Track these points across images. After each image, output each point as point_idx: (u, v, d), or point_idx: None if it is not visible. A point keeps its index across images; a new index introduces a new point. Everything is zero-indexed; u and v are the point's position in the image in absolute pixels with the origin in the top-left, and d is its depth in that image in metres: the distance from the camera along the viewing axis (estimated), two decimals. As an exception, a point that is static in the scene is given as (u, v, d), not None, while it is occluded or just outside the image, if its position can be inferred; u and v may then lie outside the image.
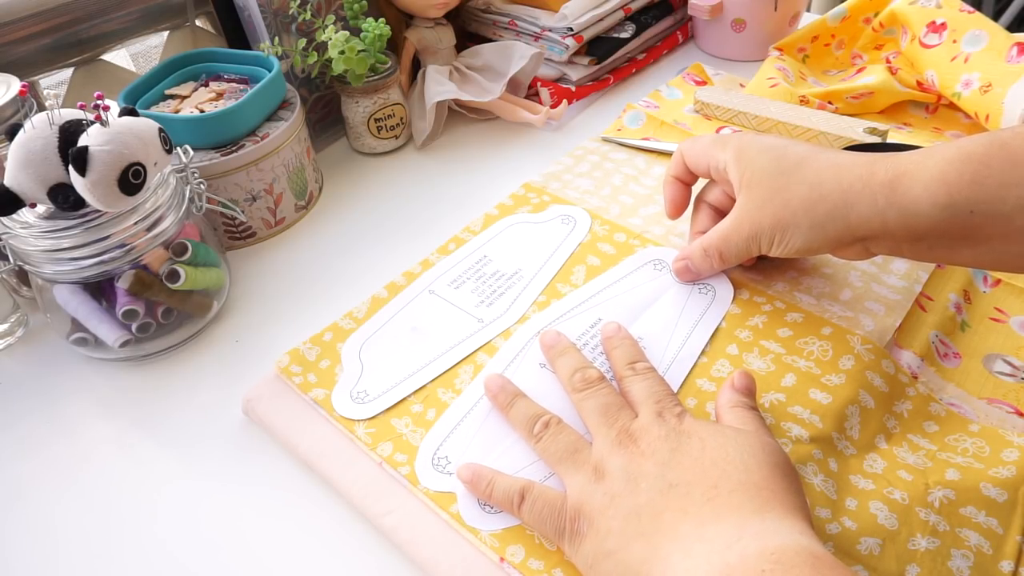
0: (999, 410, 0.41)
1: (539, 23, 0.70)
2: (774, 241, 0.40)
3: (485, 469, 0.37)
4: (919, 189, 0.35)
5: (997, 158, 0.34)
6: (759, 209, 0.40)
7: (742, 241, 0.41)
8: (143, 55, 0.92)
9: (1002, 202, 0.33)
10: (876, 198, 0.36)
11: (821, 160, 0.39)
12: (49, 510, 0.41)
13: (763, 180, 0.40)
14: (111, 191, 0.40)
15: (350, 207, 0.61)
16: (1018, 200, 0.33)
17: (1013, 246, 0.35)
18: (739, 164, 0.41)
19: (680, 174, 0.47)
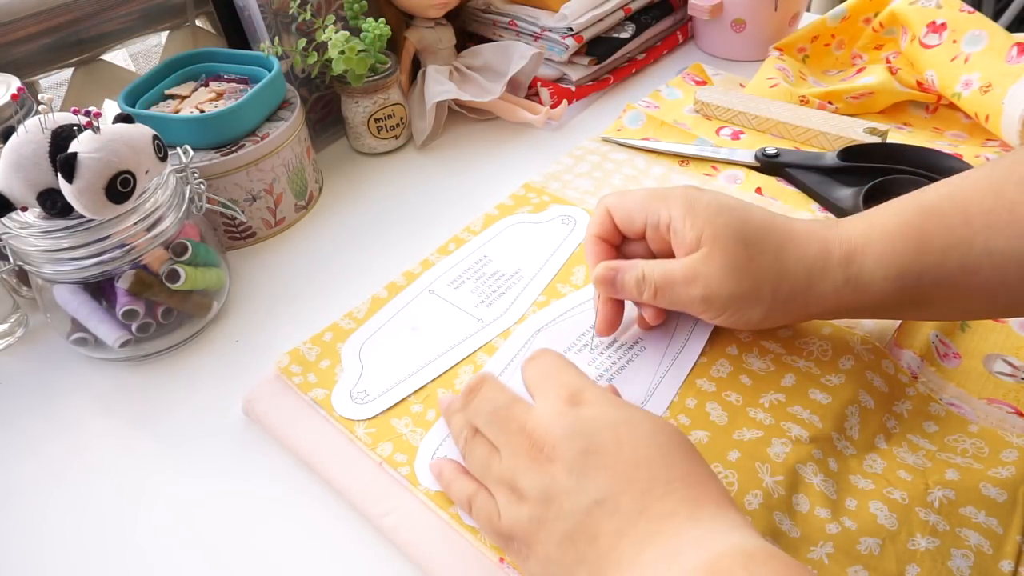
0: (999, 410, 0.41)
1: (539, 23, 0.70)
2: (727, 311, 0.38)
3: (449, 466, 0.36)
4: (871, 264, 0.36)
5: (934, 225, 0.35)
6: (721, 275, 0.37)
7: (686, 296, 0.38)
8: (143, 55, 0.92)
9: (945, 267, 0.35)
10: (836, 276, 0.36)
11: (782, 232, 0.37)
12: (49, 509, 0.41)
13: (728, 245, 0.37)
14: (98, 199, 0.40)
15: (350, 207, 0.61)
16: (960, 261, 0.34)
17: (959, 304, 0.36)
18: (694, 220, 0.37)
19: (606, 233, 0.42)
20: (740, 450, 0.37)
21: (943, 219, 0.35)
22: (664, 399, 0.40)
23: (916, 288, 0.35)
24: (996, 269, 0.34)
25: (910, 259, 0.35)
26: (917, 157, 0.52)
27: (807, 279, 0.37)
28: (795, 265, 0.37)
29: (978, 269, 0.34)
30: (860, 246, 0.36)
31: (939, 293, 0.36)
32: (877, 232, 0.36)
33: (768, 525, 0.34)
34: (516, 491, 0.31)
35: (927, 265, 0.35)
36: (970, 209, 0.34)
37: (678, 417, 0.39)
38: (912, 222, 0.35)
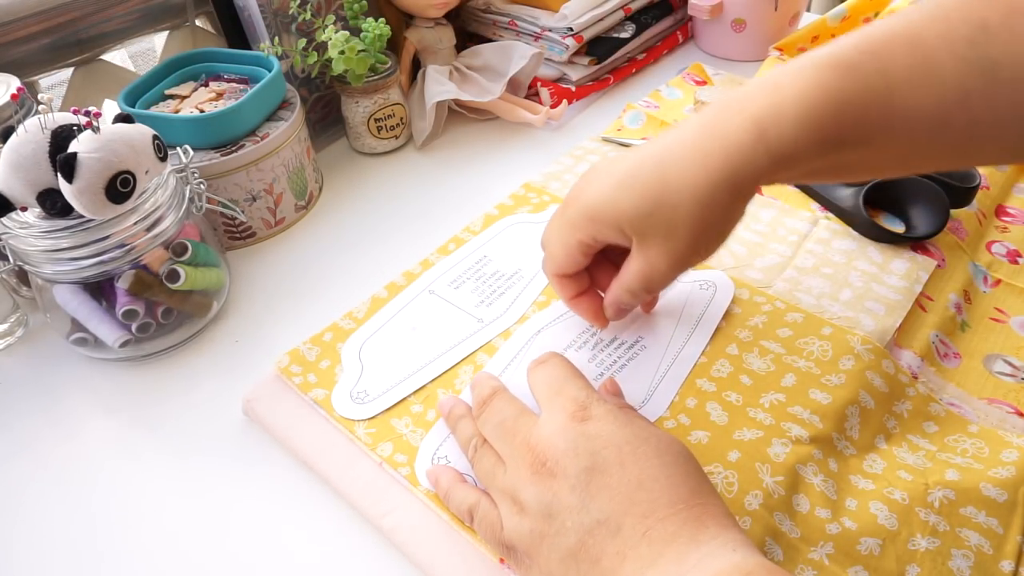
0: (999, 410, 0.41)
1: (539, 23, 0.70)
2: (699, 254, 0.37)
3: (447, 474, 0.36)
4: (791, 131, 0.33)
5: (851, 84, 0.33)
6: (665, 243, 0.36)
7: (666, 274, 0.37)
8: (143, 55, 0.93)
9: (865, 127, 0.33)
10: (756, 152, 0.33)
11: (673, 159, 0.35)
12: (49, 509, 0.41)
13: (646, 221, 0.36)
14: (98, 199, 0.40)
15: (350, 207, 0.61)
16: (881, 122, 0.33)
17: (871, 163, 0.35)
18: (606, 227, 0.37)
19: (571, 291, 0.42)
20: (740, 450, 0.37)
21: (864, 79, 0.33)
22: (664, 399, 0.40)
23: (838, 150, 0.34)
24: (909, 129, 0.33)
25: (830, 121, 0.33)
26: None
27: (732, 183, 0.34)
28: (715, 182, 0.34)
29: (892, 128, 0.33)
30: (772, 118, 0.33)
31: (858, 156, 0.34)
32: (790, 98, 0.33)
33: (768, 525, 0.34)
34: (518, 503, 0.31)
35: (848, 127, 0.33)
36: (890, 67, 0.32)
37: (678, 417, 0.39)
38: (829, 81, 0.33)
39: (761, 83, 0.34)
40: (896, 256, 0.48)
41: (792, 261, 0.49)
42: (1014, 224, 0.52)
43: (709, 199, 0.34)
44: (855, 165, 0.35)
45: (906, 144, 0.34)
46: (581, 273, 0.42)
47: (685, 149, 0.35)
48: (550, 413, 0.33)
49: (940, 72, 0.32)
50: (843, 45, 0.34)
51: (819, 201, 0.53)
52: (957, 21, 0.31)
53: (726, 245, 0.46)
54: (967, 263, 0.49)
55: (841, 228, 0.51)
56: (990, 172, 0.54)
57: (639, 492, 0.29)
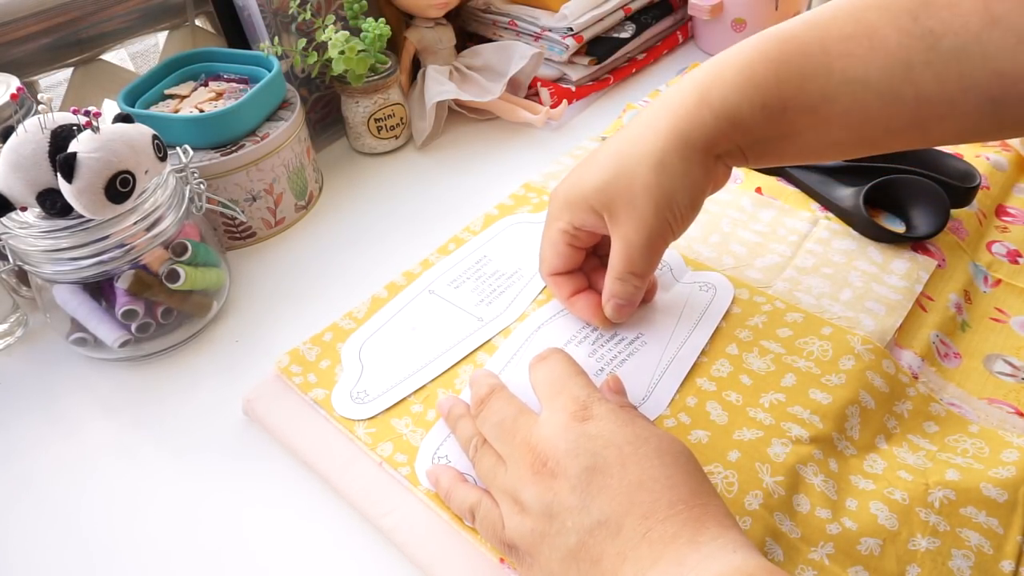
0: (999, 410, 0.41)
1: (539, 23, 0.70)
2: (672, 223, 0.38)
3: (447, 474, 0.36)
4: (734, 96, 0.35)
5: (792, 53, 0.34)
6: (632, 214, 0.37)
7: (644, 248, 0.38)
8: (143, 55, 0.93)
9: (806, 94, 0.34)
10: (702, 115, 0.36)
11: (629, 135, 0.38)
12: (49, 510, 0.41)
13: (608, 193, 0.38)
14: (98, 198, 0.40)
15: (350, 207, 0.61)
16: (820, 90, 0.34)
17: (825, 135, 0.36)
18: (580, 209, 0.39)
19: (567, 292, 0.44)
20: (740, 450, 0.37)
21: (802, 47, 0.34)
22: (665, 396, 0.40)
23: (783, 116, 0.35)
24: (855, 99, 0.34)
25: (772, 86, 0.35)
26: (917, 157, 0.52)
27: (682, 143, 0.36)
28: (661, 144, 0.36)
29: (838, 97, 0.34)
30: (715, 83, 0.35)
31: (805, 122, 0.35)
32: (734, 66, 0.35)
33: (768, 525, 0.34)
34: (519, 503, 0.31)
35: (789, 93, 0.34)
36: (829, 36, 0.34)
37: (678, 416, 0.39)
38: (771, 51, 0.35)
39: (710, 60, 0.37)
40: (896, 256, 0.48)
41: (792, 261, 0.48)
42: (1014, 224, 0.52)
43: (660, 161, 0.36)
44: (812, 139, 0.36)
45: (857, 114, 0.34)
46: (576, 273, 0.43)
47: (638, 125, 0.37)
48: (551, 412, 0.33)
49: (883, 44, 0.33)
50: (790, 21, 0.35)
51: (819, 201, 0.53)
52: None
53: (726, 245, 0.46)
54: (967, 263, 0.49)
55: (841, 228, 0.51)
56: (990, 172, 0.54)
57: (640, 493, 0.29)
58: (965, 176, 0.50)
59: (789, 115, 0.35)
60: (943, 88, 0.32)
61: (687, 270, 0.48)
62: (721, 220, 0.52)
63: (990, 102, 0.32)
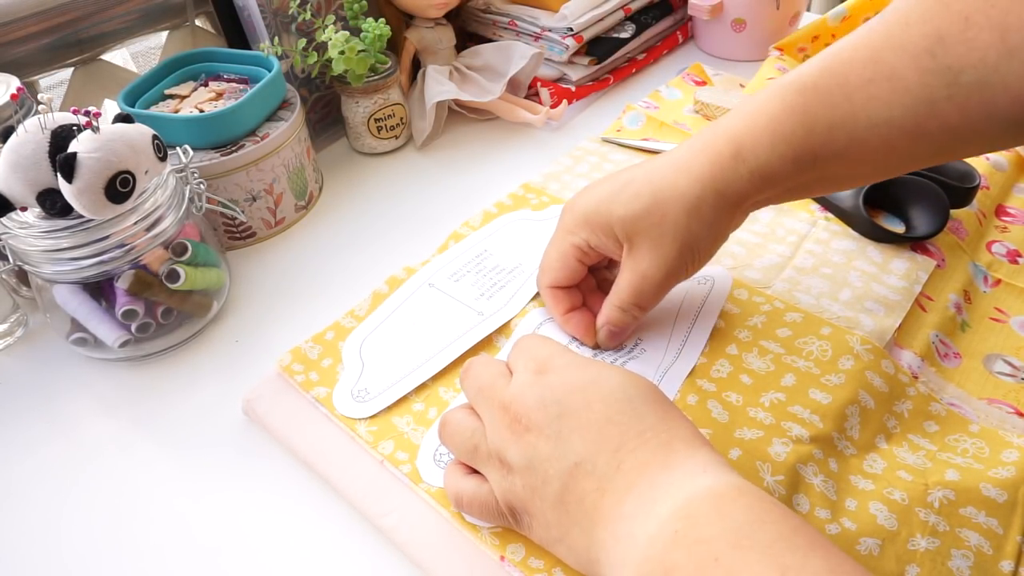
0: (999, 410, 0.41)
1: (539, 23, 0.70)
2: (688, 264, 0.39)
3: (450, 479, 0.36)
4: (766, 153, 0.36)
5: (817, 104, 0.36)
6: (655, 251, 0.39)
7: (657, 286, 0.40)
8: (143, 55, 0.92)
9: (836, 143, 0.36)
10: (738, 171, 0.37)
11: (665, 172, 0.39)
12: (49, 510, 0.41)
13: (637, 226, 0.39)
14: (98, 199, 0.40)
15: (350, 207, 0.61)
16: (848, 136, 0.35)
17: (857, 172, 0.38)
18: (599, 231, 0.40)
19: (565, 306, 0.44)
20: (741, 449, 0.37)
21: (825, 96, 0.35)
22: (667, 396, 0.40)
23: (814, 165, 0.36)
24: (882, 138, 0.35)
25: (800, 140, 0.36)
26: None
27: (715, 190, 0.37)
28: (695, 188, 0.37)
29: (866, 140, 0.35)
30: (748, 139, 0.37)
31: (836, 168, 0.37)
32: (763, 120, 0.37)
33: (768, 525, 0.34)
34: (505, 464, 0.32)
35: (817, 144, 0.36)
36: (850, 82, 0.35)
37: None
38: (796, 104, 0.36)
39: (741, 107, 0.38)
40: (896, 256, 0.48)
41: (791, 261, 0.49)
42: (1014, 224, 0.52)
43: (695, 208, 0.37)
44: (841, 176, 0.38)
45: (884, 151, 0.36)
46: (574, 289, 0.44)
47: (675, 164, 0.38)
48: (517, 373, 0.34)
49: (904, 84, 0.34)
50: (807, 68, 0.37)
51: (818, 201, 0.53)
52: (916, 35, 0.33)
53: (725, 246, 0.46)
54: (967, 263, 0.49)
55: (840, 228, 0.51)
56: (990, 172, 0.54)
57: (607, 427, 0.30)
58: (965, 176, 0.50)
59: (819, 163, 0.36)
60: (966, 119, 0.33)
61: (687, 270, 0.48)
62: (721, 220, 0.52)
63: (1014, 125, 0.33)
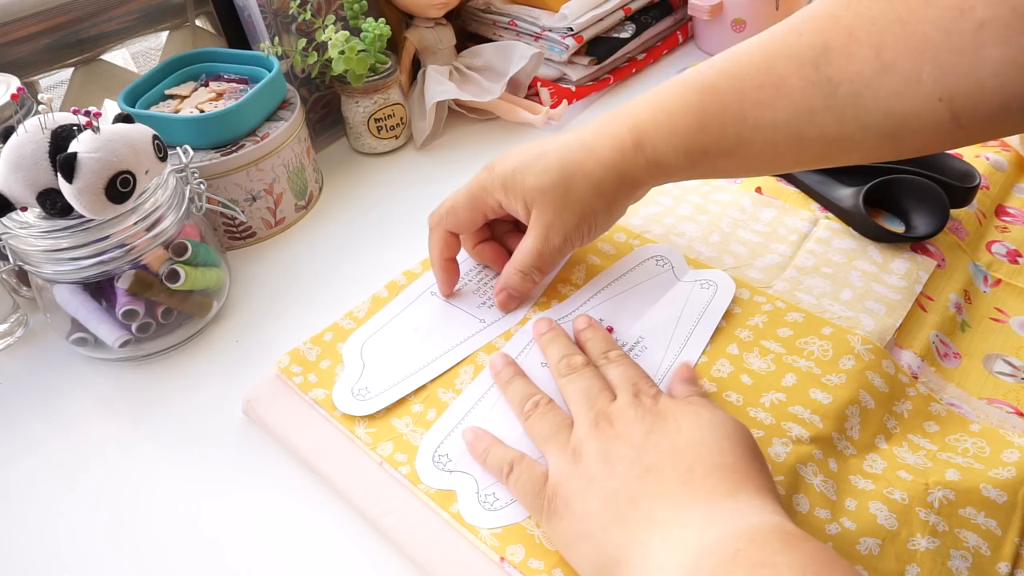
0: (999, 410, 0.41)
1: (539, 23, 0.70)
2: (584, 234, 0.43)
3: (486, 435, 0.38)
4: (663, 146, 0.40)
5: (711, 103, 0.38)
6: (558, 217, 0.42)
7: (556, 250, 0.43)
8: (143, 55, 0.93)
9: (725, 141, 0.39)
10: (639, 163, 0.41)
11: (574, 150, 0.42)
12: (49, 510, 0.41)
13: (545, 196, 0.42)
14: (98, 199, 0.40)
15: (350, 207, 0.61)
16: (736, 135, 0.38)
17: (742, 167, 0.41)
18: (514, 190, 0.43)
19: (451, 252, 0.47)
20: (740, 450, 0.37)
21: (720, 96, 0.38)
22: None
23: (705, 159, 0.40)
24: (766, 141, 0.38)
25: (693, 137, 0.39)
26: (917, 157, 0.52)
27: (616, 174, 0.41)
28: (602, 169, 0.41)
29: (752, 142, 0.38)
30: (649, 131, 0.40)
31: (725, 163, 0.40)
32: (662, 115, 0.40)
33: (768, 525, 0.34)
34: (577, 453, 0.34)
35: (709, 141, 0.39)
36: (743, 85, 0.37)
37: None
38: (693, 102, 0.39)
39: (647, 97, 0.41)
40: (896, 256, 0.48)
41: (792, 261, 0.49)
42: (1014, 224, 0.52)
43: (598, 187, 0.41)
44: (732, 170, 0.42)
45: (769, 153, 0.39)
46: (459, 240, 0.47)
47: (583, 145, 0.42)
48: (624, 394, 0.36)
49: (789, 92, 0.36)
50: (709, 68, 0.39)
51: (819, 201, 0.53)
52: (805, 45, 0.36)
53: (726, 245, 0.47)
54: (967, 263, 0.49)
55: (841, 228, 0.51)
56: (990, 172, 0.54)
57: (687, 451, 0.32)
58: (965, 176, 0.50)
59: (710, 158, 0.40)
60: (843, 129, 0.36)
61: (688, 269, 0.48)
62: (721, 220, 0.52)
63: (888, 137, 0.35)
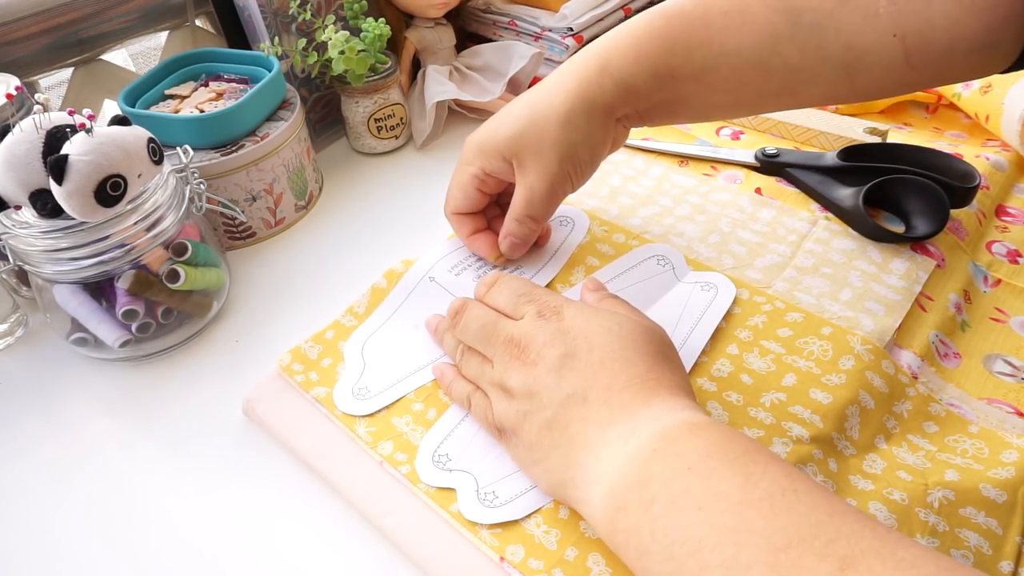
0: (999, 410, 0.41)
1: (539, 23, 0.70)
2: (570, 174, 0.44)
3: (449, 371, 0.41)
4: (630, 66, 0.41)
5: (678, 27, 0.40)
6: (538, 162, 0.43)
7: (545, 195, 0.44)
8: (143, 55, 0.93)
9: (691, 64, 0.40)
10: (603, 83, 0.41)
11: (540, 94, 0.43)
12: (49, 510, 0.41)
13: (520, 143, 0.43)
14: (87, 201, 0.40)
15: (350, 207, 0.61)
16: (703, 60, 0.40)
17: (710, 99, 0.42)
18: (491, 156, 0.44)
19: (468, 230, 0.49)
20: (740, 450, 0.37)
21: (687, 21, 0.40)
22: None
23: (672, 83, 0.41)
24: (731, 67, 0.39)
25: (661, 58, 0.40)
26: (917, 157, 0.52)
27: (585, 104, 0.41)
28: (571, 103, 0.41)
29: (717, 67, 0.39)
30: (615, 55, 0.41)
31: (690, 88, 0.41)
32: (629, 39, 0.41)
33: (768, 525, 0.34)
34: (506, 390, 0.36)
35: (676, 64, 0.40)
36: (710, 11, 0.39)
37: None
38: (661, 26, 0.40)
39: (613, 30, 0.43)
40: (896, 256, 0.48)
41: (792, 261, 0.49)
42: (1014, 224, 0.52)
43: (568, 119, 0.42)
44: (695, 97, 0.42)
45: (734, 81, 0.40)
46: (478, 216, 0.49)
47: (549, 86, 0.43)
48: (529, 315, 0.38)
49: (754, 19, 0.38)
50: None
51: (819, 201, 0.53)
52: None
53: (726, 245, 0.47)
54: (967, 263, 0.49)
55: (841, 228, 0.51)
56: (990, 172, 0.54)
57: (601, 370, 0.34)
58: (965, 176, 0.50)
59: (677, 83, 0.41)
60: (804, 59, 0.38)
61: (689, 270, 0.48)
62: (721, 220, 0.52)
63: (845, 69, 0.37)
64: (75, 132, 0.41)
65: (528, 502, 0.36)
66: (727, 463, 0.29)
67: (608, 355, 0.34)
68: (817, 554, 0.25)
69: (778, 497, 0.27)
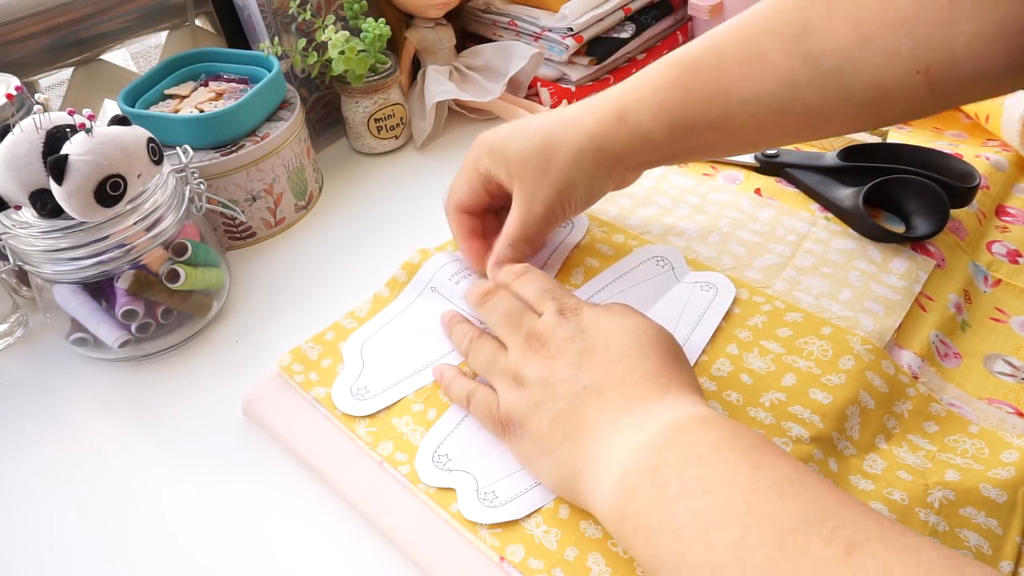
0: (999, 411, 0.41)
1: (539, 23, 0.70)
2: (564, 207, 0.44)
3: (448, 371, 0.42)
4: (648, 119, 0.41)
5: (695, 79, 0.40)
6: (539, 186, 0.43)
7: (540, 221, 0.44)
8: (143, 55, 0.93)
9: (711, 114, 0.40)
10: (620, 132, 0.42)
11: (559, 122, 0.43)
12: (49, 510, 0.41)
13: (528, 162, 0.43)
14: (87, 201, 0.40)
15: (350, 207, 0.61)
16: (721, 109, 0.40)
17: (730, 143, 0.43)
18: (498, 161, 0.44)
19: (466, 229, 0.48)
20: (740, 450, 0.37)
21: (704, 72, 0.40)
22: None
23: (692, 133, 0.41)
24: (751, 115, 0.39)
25: (679, 110, 0.40)
26: (917, 157, 0.52)
27: (596, 146, 0.42)
28: (584, 140, 0.42)
29: (737, 115, 0.40)
30: (634, 105, 0.41)
31: (711, 137, 0.41)
32: (647, 90, 0.41)
33: (768, 525, 0.34)
34: (518, 379, 0.37)
35: (695, 114, 0.40)
36: (726, 61, 0.39)
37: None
38: (678, 78, 0.40)
39: (634, 77, 0.43)
40: (896, 256, 0.48)
41: (791, 261, 0.49)
42: (1014, 224, 0.52)
43: (576, 159, 0.42)
44: (718, 145, 0.43)
45: (754, 126, 0.40)
46: (477, 217, 0.48)
47: (569, 117, 0.43)
48: (550, 312, 0.38)
49: (773, 67, 0.38)
50: (692, 46, 0.41)
51: (819, 201, 0.53)
52: (787, 22, 0.38)
53: (725, 246, 0.47)
54: (967, 263, 0.49)
55: (840, 228, 0.51)
56: (990, 172, 0.54)
57: (618, 365, 0.35)
58: (965, 176, 0.50)
59: (697, 132, 0.41)
60: (826, 100, 0.37)
61: (688, 270, 0.48)
62: (720, 220, 0.52)
63: (869, 107, 0.37)
64: (75, 132, 0.41)
65: (528, 502, 0.36)
66: (737, 453, 0.30)
67: (624, 352, 0.35)
68: (824, 538, 0.26)
69: (786, 486, 0.28)
